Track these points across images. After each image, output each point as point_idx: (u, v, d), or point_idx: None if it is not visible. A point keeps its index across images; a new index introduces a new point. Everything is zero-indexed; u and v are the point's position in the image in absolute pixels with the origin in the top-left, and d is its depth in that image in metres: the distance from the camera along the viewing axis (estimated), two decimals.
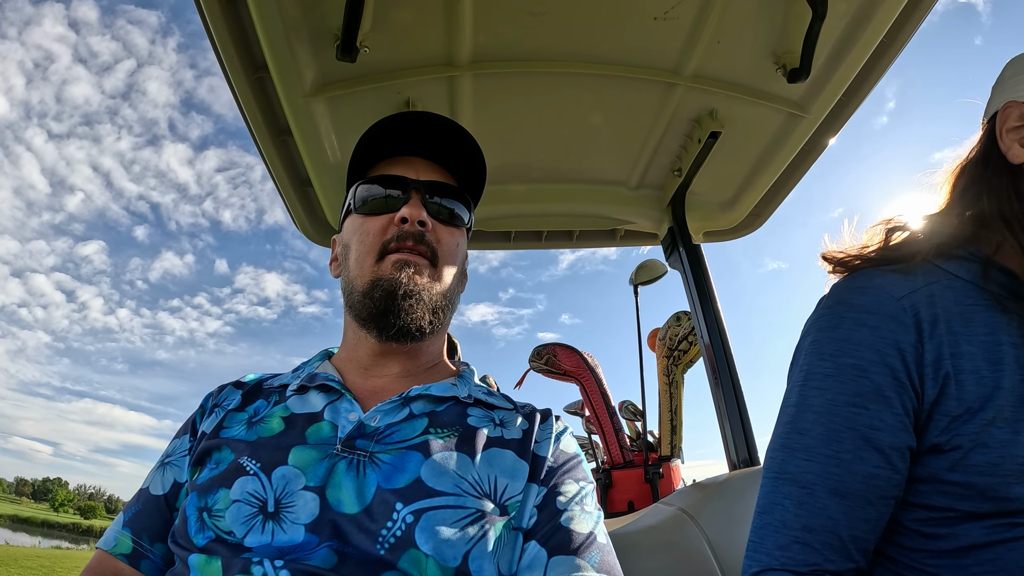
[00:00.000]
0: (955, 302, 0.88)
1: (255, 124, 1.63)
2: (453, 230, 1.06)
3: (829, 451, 0.83)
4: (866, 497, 0.81)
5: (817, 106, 1.73)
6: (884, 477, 0.82)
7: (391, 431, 0.89)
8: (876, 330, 0.85)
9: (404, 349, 1.02)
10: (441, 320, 1.02)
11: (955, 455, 0.80)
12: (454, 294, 1.06)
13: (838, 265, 0.99)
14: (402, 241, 0.99)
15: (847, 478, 0.82)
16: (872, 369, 0.84)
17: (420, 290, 0.97)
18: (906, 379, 0.83)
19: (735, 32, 1.54)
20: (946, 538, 0.80)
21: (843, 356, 0.86)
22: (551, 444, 0.95)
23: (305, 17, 1.38)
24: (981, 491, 0.78)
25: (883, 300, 0.87)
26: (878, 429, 0.82)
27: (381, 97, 1.64)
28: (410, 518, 0.78)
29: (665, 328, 3.65)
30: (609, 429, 3.76)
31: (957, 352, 0.83)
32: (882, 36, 1.50)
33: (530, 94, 1.72)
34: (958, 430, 0.80)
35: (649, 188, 2.17)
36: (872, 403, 0.83)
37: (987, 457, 0.78)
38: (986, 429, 0.79)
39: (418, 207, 1.00)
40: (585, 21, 1.51)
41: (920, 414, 0.83)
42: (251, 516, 0.79)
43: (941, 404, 0.82)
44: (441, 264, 1.02)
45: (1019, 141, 0.94)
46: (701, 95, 1.74)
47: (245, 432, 0.91)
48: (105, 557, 0.91)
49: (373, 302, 0.97)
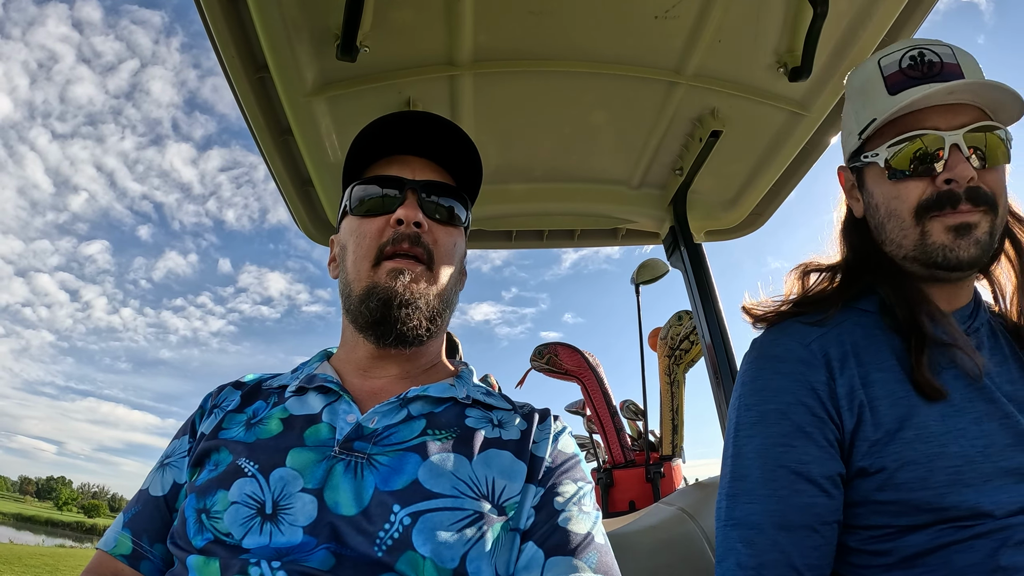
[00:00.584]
0: (864, 335, 0.98)
1: (256, 124, 1.63)
2: (451, 230, 1.05)
3: (767, 490, 0.91)
4: (809, 525, 0.88)
5: (819, 105, 1.73)
6: (821, 504, 0.89)
7: (389, 433, 0.89)
8: (790, 375, 0.95)
9: (403, 353, 1.02)
10: (439, 324, 1.02)
11: (881, 476, 0.88)
12: (452, 294, 1.06)
13: (758, 320, 1.09)
14: (398, 244, 0.98)
15: (788, 512, 0.89)
16: (791, 411, 0.93)
17: (417, 298, 0.96)
18: (824, 414, 0.92)
19: (736, 31, 1.53)
20: (892, 552, 0.87)
21: (765, 403, 0.96)
22: (549, 444, 0.95)
23: (305, 17, 1.38)
24: (915, 506, 0.85)
25: (793, 348, 0.98)
26: (806, 463, 0.90)
27: (382, 97, 1.64)
28: (407, 520, 0.78)
29: (666, 327, 3.65)
30: (610, 428, 3.76)
31: (868, 381, 0.93)
32: (884, 35, 1.49)
33: (531, 93, 1.72)
34: (880, 452, 0.89)
35: (650, 187, 2.16)
36: (797, 440, 0.91)
37: (915, 473, 0.86)
38: (910, 447, 0.87)
39: (414, 208, 1.00)
40: (586, 20, 1.50)
41: (843, 443, 0.92)
42: (249, 518, 0.79)
43: (860, 431, 0.91)
44: (438, 266, 1.01)
45: (853, 200, 1.11)
46: (702, 94, 1.73)
47: (244, 434, 0.92)
48: (105, 558, 0.92)
49: (370, 311, 0.96)
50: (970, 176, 0.93)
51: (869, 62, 1.08)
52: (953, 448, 0.87)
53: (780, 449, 0.92)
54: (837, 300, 1.04)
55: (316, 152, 1.73)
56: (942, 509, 0.84)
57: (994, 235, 0.97)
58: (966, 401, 0.91)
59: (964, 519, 0.84)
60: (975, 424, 0.89)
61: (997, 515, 0.84)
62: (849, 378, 0.94)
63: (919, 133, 0.97)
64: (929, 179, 0.96)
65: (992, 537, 0.83)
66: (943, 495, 0.85)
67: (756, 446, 0.95)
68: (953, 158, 0.94)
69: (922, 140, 0.97)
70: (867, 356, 0.96)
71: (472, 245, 2.40)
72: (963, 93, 0.96)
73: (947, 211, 0.95)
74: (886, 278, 1.02)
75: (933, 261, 0.96)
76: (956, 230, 0.94)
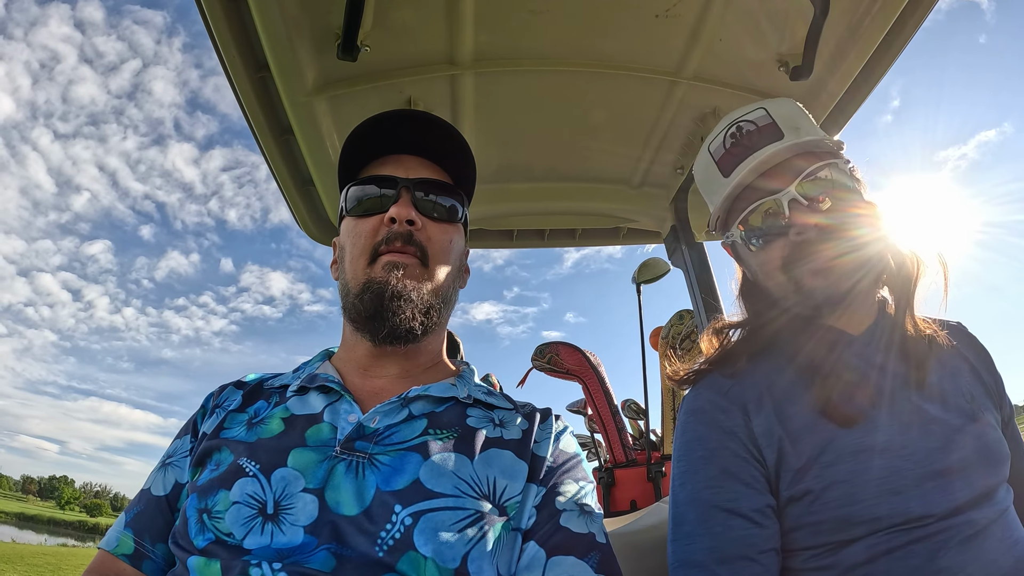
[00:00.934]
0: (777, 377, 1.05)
1: (257, 124, 1.63)
2: (445, 226, 1.05)
3: (703, 530, 0.96)
4: (746, 556, 0.93)
5: (820, 104, 1.73)
6: (755, 535, 0.94)
7: (390, 432, 0.89)
8: (711, 424, 1.02)
9: (400, 351, 1.02)
10: (434, 320, 1.02)
11: (809, 499, 0.93)
12: (449, 291, 1.06)
13: (681, 383, 1.16)
14: (391, 243, 0.99)
15: (725, 546, 0.94)
16: (715, 455, 1.00)
17: (410, 291, 0.96)
18: (746, 454, 0.99)
19: (737, 30, 1.53)
20: (833, 567, 0.91)
21: (693, 453, 1.02)
22: (550, 444, 0.95)
23: (306, 17, 1.38)
24: (846, 520, 0.90)
25: (711, 398, 1.05)
26: (735, 499, 0.96)
27: (383, 96, 1.64)
28: (409, 520, 0.78)
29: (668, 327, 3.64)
30: (612, 428, 3.75)
31: (784, 416, 0.99)
32: (884, 34, 1.49)
33: (532, 93, 1.72)
34: (803, 479, 0.94)
35: (652, 186, 2.16)
36: (724, 482, 0.98)
37: (841, 490, 0.91)
38: (831, 468, 0.93)
39: (406, 206, 1.00)
40: (587, 19, 1.50)
41: (769, 477, 0.98)
42: (251, 518, 0.79)
43: (783, 463, 0.97)
44: (432, 263, 1.01)
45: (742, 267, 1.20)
46: (703, 93, 1.73)
47: (245, 433, 0.92)
48: (107, 557, 0.92)
49: (363, 305, 0.97)
50: (814, 223, 1.01)
51: (703, 149, 1.19)
52: (877, 462, 0.92)
53: (710, 492, 0.98)
54: (743, 353, 1.11)
55: (317, 152, 1.73)
56: (875, 520, 0.89)
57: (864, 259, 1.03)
58: (886, 415, 0.96)
59: (899, 526, 0.88)
60: (899, 435, 0.94)
61: (933, 517, 0.88)
62: (766, 417, 1.00)
63: (758, 203, 1.05)
64: (783, 238, 1.04)
65: (932, 540, 0.87)
66: (873, 506, 0.90)
67: (688, 492, 1.01)
68: (795, 211, 1.02)
69: (761, 208, 1.05)
70: (781, 395, 1.02)
71: (473, 245, 2.40)
72: (781, 154, 1.05)
73: (807, 258, 1.02)
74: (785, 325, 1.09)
75: (816, 304, 1.04)
76: (823, 273, 1.02)
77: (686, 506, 1.01)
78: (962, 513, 0.90)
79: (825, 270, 1.02)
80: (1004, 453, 0.98)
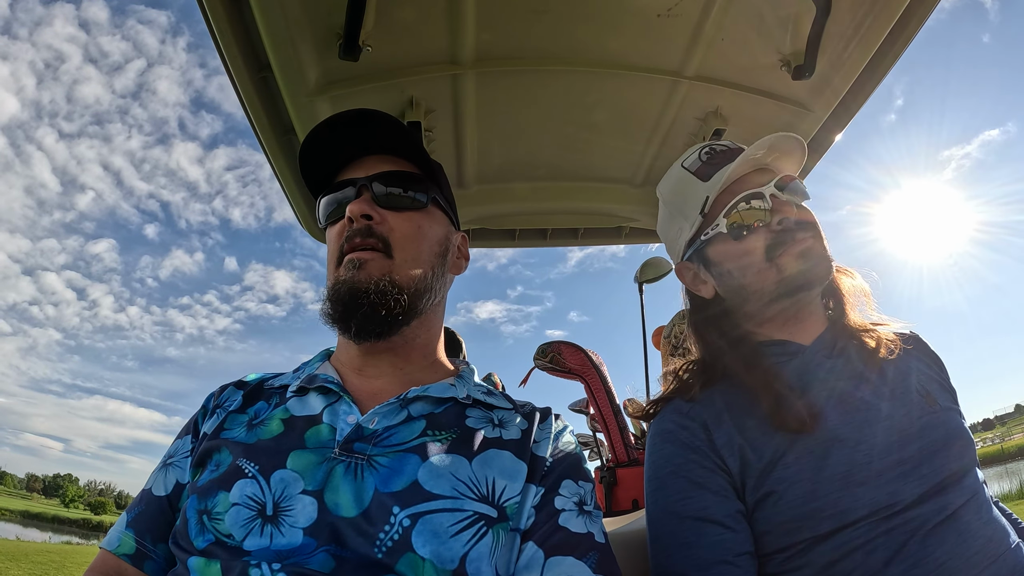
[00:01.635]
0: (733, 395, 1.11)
1: (259, 123, 1.64)
2: (411, 214, 1.04)
3: (679, 541, 1.01)
4: (723, 559, 0.97)
5: (821, 103, 1.73)
6: (729, 539, 0.98)
7: (389, 434, 0.89)
8: (675, 442, 1.08)
9: (386, 345, 1.01)
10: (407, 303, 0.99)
11: (773, 499, 0.98)
12: (429, 279, 1.04)
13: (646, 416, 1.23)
14: (351, 240, 0.99)
15: (701, 552, 0.98)
16: (682, 470, 1.05)
17: (369, 285, 0.96)
18: (711, 465, 1.04)
19: (739, 29, 1.53)
20: (806, 567, 0.95)
21: (661, 470, 1.09)
22: (550, 444, 0.96)
23: (308, 16, 1.38)
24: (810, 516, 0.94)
25: (674, 418, 1.12)
26: (706, 507, 1.01)
27: (384, 96, 1.64)
28: (407, 521, 0.78)
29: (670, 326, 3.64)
30: (614, 427, 3.74)
31: (743, 427, 1.05)
32: (887, 32, 1.48)
33: (534, 92, 1.72)
34: (765, 481, 0.99)
35: (654, 186, 2.14)
36: (693, 492, 1.03)
37: (803, 488, 0.95)
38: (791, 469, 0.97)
39: (360, 203, 1.00)
40: (588, 18, 1.50)
41: (736, 485, 1.02)
42: (250, 519, 0.79)
43: (747, 470, 1.01)
44: (398, 252, 1.00)
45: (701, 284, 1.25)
46: (705, 92, 1.73)
47: (245, 434, 0.92)
48: (108, 557, 0.92)
49: (332, 307, 0.97)
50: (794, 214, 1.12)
51: (674, 169, 1.30)
52: (835, 458, 0.96)
53: (681, 504, 1.03)
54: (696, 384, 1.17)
55: None
56: (840, 513, 0.93)
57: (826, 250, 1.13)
58: (841, 415, 1.01)
59: (866, 518, 0.92)
60: (855, 432, 0.99)
61: (899, 505, 0.92)
62: (726, 430, 1.06)
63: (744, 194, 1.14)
64: (766, 227, 1.12)
65: (902, 530, 0.91)
66: (837, 500, 0.94)
67: (661, 508, 1.07)
68: (776, 202, 1.12)
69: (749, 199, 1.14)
70: (738, 409, 1.08)
71: (475, 244, 2.39)
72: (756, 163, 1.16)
73: (789, 243, 1.11)
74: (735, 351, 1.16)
75: (797, 286, 1.11)
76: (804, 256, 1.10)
77: (659, 523, 1.06)
78: (930, 499, 0.92)
79: (805, 253, 1.10)
80: (968, 437, 1.02)
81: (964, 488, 0.96)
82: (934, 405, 1.05)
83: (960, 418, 1.07)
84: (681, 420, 1.11)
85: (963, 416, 1.09)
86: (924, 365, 1.15)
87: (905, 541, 0.90)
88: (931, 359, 1.18)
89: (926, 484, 0.94)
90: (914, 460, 0.96)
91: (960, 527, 0.92)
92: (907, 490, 0.93)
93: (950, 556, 0.89)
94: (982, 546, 0.91)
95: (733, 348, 1.16)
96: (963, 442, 1.01)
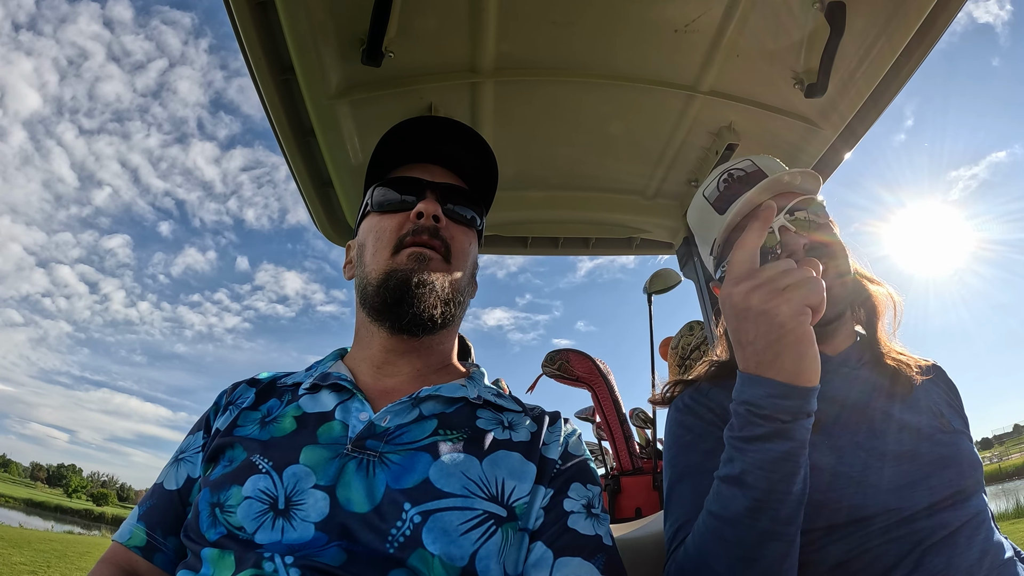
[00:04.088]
0: None
1: (279, 125, 1.66)
2: (467, 231, 1.09)
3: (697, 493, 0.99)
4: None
5: (833, 120, 1.74)
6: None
7: (401, 432, 0.91)
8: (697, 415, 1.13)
9: (416, 344, 1.04)
10: (452, 314, 1.04)
11: None
12: (464, 294, 1.09)
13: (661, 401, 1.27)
14: (418, 235, 1.02)
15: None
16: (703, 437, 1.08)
17: (433, 280, 0.99)
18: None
19: (754, 46, 1.55)
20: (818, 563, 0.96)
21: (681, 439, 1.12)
22: (559, 446, 0.97)
23: (332, 22, 1.41)
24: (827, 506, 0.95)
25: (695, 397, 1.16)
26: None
27: (404, 101, 1.67)
28: (418, 518, 0.79)
29: (678, 337, 3.64)
30: (619, 436, 3.75)
31: None
32: (898, 54, 1.50)
33: (550, 102, 1.74)
34: None
35: (665, 198, 2.18)
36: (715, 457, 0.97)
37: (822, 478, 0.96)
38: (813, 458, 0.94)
39: (433, 203, 1.04)
40: (606, 32, 1.52)
41: None
42: (262, 513, 0.80)
43: None
44: (454, 260, 1.05)
45: None
46: (719, 107, 1.74)
47: (258, 431, 0.93)
48: (120, 549, 0.94)
49: (388, 291, 0.99)
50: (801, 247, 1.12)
51: (696, 197, 1.33)
52: (850, 459, 0.99)
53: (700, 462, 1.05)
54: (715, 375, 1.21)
55: (337, 154, 1.76)
56: (855, 507, 0.95)
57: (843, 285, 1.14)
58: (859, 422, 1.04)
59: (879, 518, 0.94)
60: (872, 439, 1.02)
61: (908, 512, 0.94)
62: None
63: None
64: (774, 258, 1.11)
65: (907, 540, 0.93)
66: (852, 494, 0.96)
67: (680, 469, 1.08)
68: (785, 235, 1.13)
69: None
70: None
71: (487, 250, 2.41)
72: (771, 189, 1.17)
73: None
74: None
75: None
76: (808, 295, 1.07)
77: (678, 482, 1.07)
78: (937, 514, 0.94)
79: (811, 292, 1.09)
80: (976, 461, 1.04)
81: (969, 508, 0.98)
82: (947, 427, 1.07)
83: (970, 443, 1.09)
84: (699, 396, 1.15)
85: (972, 441, 1.11)
86: (941, 391, 1.17)
87: (909, 551, 0.92)
88: (948, 387, 1.20)
89: (934, 496, 0.96)
90: (923, 472, 0.98)
91: (960, 541, 0.93)
92: (916, 499, 0.95)
93: (947, 566, 0.91)
94: (978, 559, 0.93)
95: None
96: (971, 464, 1.03)
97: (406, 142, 1.12)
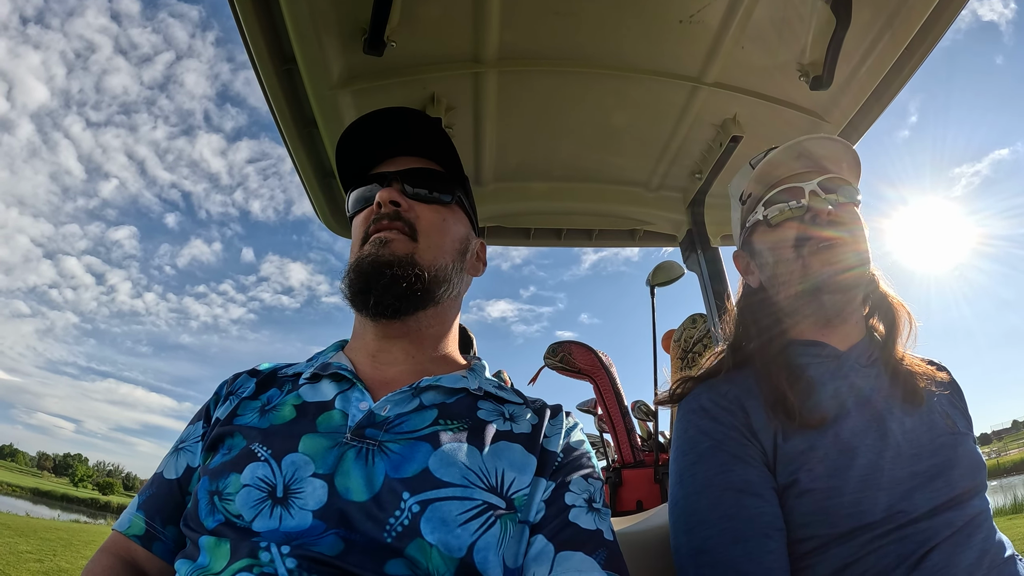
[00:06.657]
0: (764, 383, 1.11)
1: (281, 115, 1.66)
2: (437, 207, 1.09)
3: (718, 514, 1.00)
4: (762, 533, 0.97)
5: (838, 113, 1.73)
6: (769, 512, 0.99)
7: (400, 421, 0.91)
8: (715, 419, 1.08)
9: (403, 328, 1.04)
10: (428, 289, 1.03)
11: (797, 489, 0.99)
12: (447, 270, 1.07)
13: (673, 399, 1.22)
14: (379, 222, 1.03)
15: (740, 526, 0.98)
16: (723, 444, 1.05)
17: (394, 261, 1.00)
18: (749, 442, 1.04)
19: (759, 38, 1.54)
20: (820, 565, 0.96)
21: (699, 444, 1.08)
22: (560, 439, 0.97)
23: (334, 11, 1.40)
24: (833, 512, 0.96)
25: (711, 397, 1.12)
26: (748, 480, 1.01)
27: (406, 91, 1.66)
28: (416, 508, 0.79)
29: (680, 330, 3.64)
30: (621, 428, 3.75)
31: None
32: (904, 47, 1.49)
33: (554, 93, 1.74)
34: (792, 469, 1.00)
35: (669, 190, 2.17)
36: (734, 466, 1.03)
37: (828, 483, 0.97)
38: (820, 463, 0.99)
39: (389, 191, 1.05)
40: (610, 22, 1.52)
41: (769, 464, 1.03)
42: (260, 500, 0.80)
43: (778, 453, 1.03)
44: (423, 238, 1.05)
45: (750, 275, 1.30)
46: (723, 99, 1.74)
47: (258, 420, 0.93)
48: (119, 538, 0.95)
49: (352, 281, 1.01)
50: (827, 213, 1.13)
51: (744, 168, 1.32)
52: (860, 461, 0.98)
53: (721, 476, 1.03)
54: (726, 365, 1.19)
55: None
56: (859, 513, 0.95)
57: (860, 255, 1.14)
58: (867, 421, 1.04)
59: (883, 522, 0.94)
60: (881, 440, 1.01)
61: (913, 513, 0.94)
62: (760, 414, 1.07)
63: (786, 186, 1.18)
64: (798, 220, 1.16)
65: (911, 540, 0.93)
66: (858, 500, 0.95)
67: (700, 481, 1.05)
68: (813, 198, 1.15)
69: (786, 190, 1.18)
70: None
71: (490, 242, 2.41)
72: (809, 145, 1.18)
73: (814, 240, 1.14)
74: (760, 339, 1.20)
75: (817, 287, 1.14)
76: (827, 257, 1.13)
77: (698, 493, 1.05)
78: (940, 514, 0.95)
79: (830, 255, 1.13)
80: (980, 462, 1.05)
81: (971, 508, 0.98)
82: (953, 428, 1.08)
83: (974, 444, 1.09)
84: (717, 398, 1.12)
85: (976, 443, 1.11)
86: (948, 393, 1.17)
87: (913, 550, 0.92)
88: (954, 390, 1.21)
89: (938, 498, 0.96)
90: (928, 474, 0.99)
91: (961, 541, 0.94)
92: (920, 501, 0.95)
93: (948, 564, 0.91)
94: (978, 558, 0.93)
95: (760, 335, 1.20)
96: (975, 465, 1.03)
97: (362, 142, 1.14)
